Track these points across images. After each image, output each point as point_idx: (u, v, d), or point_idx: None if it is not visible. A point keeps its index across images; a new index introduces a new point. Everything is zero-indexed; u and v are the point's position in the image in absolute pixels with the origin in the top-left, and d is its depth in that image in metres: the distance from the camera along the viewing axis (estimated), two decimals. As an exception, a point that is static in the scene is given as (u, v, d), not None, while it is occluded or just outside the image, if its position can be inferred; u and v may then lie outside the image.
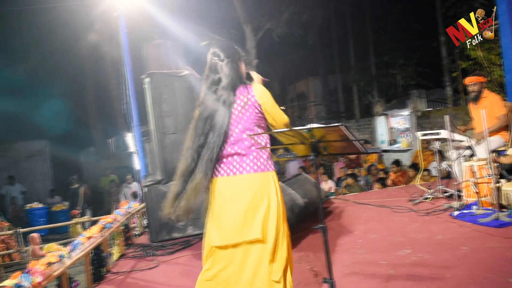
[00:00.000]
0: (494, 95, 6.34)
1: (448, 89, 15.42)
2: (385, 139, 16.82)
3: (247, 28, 15.12)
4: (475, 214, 5.15)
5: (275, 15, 15.01)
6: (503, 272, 3.45)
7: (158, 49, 6.64)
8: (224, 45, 3.05)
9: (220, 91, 2.89)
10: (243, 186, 2.82)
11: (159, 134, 6.24)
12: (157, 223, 6.15)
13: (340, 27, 22.04)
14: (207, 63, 3.01)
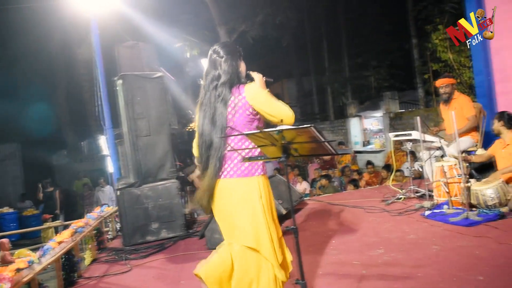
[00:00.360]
0: (464, 96, 6.47)
1: (420, 91, 15.67)
2: (359, 140, 16.99)
3: (221, 30, 15.08)
4: (446, 213, 5.23)
5: (249, 17, 15.00)
6: (472, 270, 3.51)
7: (131, 51, 6.58)
8: (225, 43, 3.08)
9: (219, 87, 2.89)
10: (227, 191, 2.83)
11: (132, 137, 6.17)
12: (131, 227, 6.09)
13: (314, 30, 22.19)
14: (208, 59, 3.02)
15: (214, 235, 5.30)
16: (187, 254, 5.30)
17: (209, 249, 5.28)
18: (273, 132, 2.21)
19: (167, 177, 6.33)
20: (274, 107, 2.78)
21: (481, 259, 3.71)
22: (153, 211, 6.15)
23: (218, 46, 3.00)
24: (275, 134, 2.22)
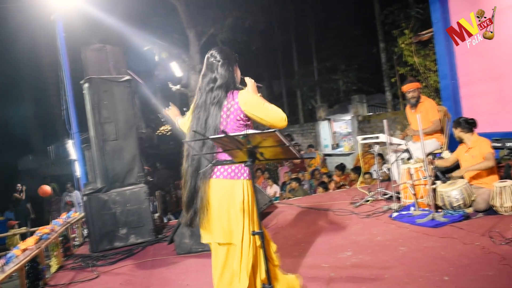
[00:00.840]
0: (430, 100, 6.60)
1: (388, 94, 15.89)
2: (329, 143, 17.14)
3: (190, 33, 15.03)
4: (413, 215, 5.31)
5: (218, 20, 14.99)
6: (438, 271, 3.57)
7: (98, 54, 6.48)
8: (222, 48, 3.07)
9: (215, 90, 2.90)
10: (215, 190, 2.84)
11: (99, 141, 6.08)
12: (98, 233, 5.99)
13: (283, 33, 22.31)
14: (204, 63, 3.03)
15: (184, 240, 5.26)
16: (156, 260, 5.25)
17: (178, 254, 5.24)
18: (239, 137, 2.21)
19: (135, 181, 6.25)
20: (265, 111, 2.79)
21: (446, 260, 3.78)
22: (121, 217, 6.07)
23: (215, 51, 3.01)
24: (240, 139, 2.21)
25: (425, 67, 11.44)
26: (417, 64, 11.49)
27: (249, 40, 17.12)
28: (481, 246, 3.94)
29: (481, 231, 4.42)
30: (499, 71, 7.29)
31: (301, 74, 21.34)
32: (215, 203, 2.83)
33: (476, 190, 5.23)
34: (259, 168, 13.26)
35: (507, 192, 4.86)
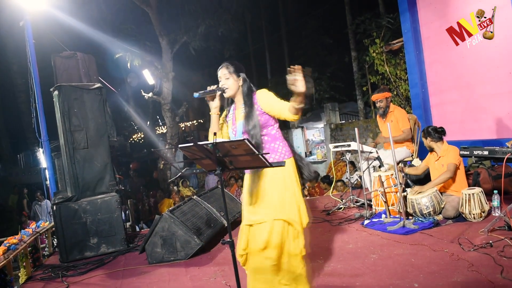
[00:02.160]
0: (400, 109, 6.70)
1: (360, 103, 16.07)
2: (302, 151, 17.22)
3: (163, 41, 14.96)
4: (384, 222, 5.37)
5: (191, 28, 14.96)
6: (408, 278, 3.60)
7: (68, 61, 6.41)
8: (233, 62, 3.46)
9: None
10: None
11: (69, 149, 5.98)
12: (68, 243, 5.88)
13: (256, 41, 22.41)
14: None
15: (155, 249, 5.21)
16: (127, 269, 5.17)
17: (150, 263, 5.19)
18: (208, 145, 2.20)
19: (106, 190, 6.17)
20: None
21: (416, 267, 3.82)
22: (92, 226, 5.97)
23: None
24: (209, 147, 2.21)
25: (396, 76, 11.63)
26: (388, 73, 11.67)
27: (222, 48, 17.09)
28: (450, 253, 4.00)
29: (450, 238, 4.49)
30: (467, 80, 7.46)
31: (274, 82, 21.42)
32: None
33: (445, 197, 5.33)
34: (232, 176, 13.24)
35: (475, 199, 4.95)
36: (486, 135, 7.16)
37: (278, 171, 3.15)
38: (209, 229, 5.52)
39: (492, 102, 7.04)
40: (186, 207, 5.71)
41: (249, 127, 3.21)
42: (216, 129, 3.42)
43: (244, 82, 3.40)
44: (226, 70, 3.36)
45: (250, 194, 3.22)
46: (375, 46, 12.12)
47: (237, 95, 3.41)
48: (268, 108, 3.24)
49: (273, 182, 3.17)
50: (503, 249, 3.85)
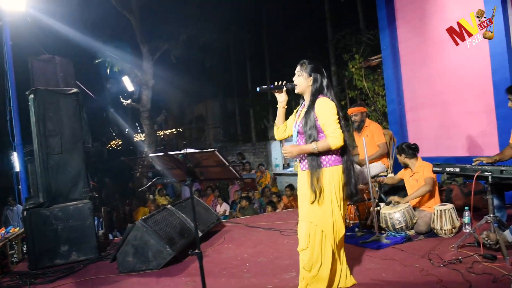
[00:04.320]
0: (375, 124, 6.76)
1: (338, 116, 16.16)
2: (280, 163, 17.26)
3: (144, 48, 14.92)
4: (357, 236, 5.40)
5: (173, 37, 14.95)
6: (378, 292, 3.63)
7: (46, 65, 6.33)
8: (312, 61, 3.68)
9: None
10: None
11: (42, 154, 5.89)
12: (38, 249, 5.76)
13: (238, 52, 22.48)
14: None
15: (127, 258, 5.14)
16: (97, 278, 5.09)
17: (121, 273, 5.11)
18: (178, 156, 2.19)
19: (79, 197, 6.07)
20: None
21: (387, 282, 3.84)
22: (63, 233, 5.86)
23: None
24: (179, 157, 2.20)
25: (374, 91, 11.76)
26: (366, 88, 11.80)
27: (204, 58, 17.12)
28: (420, 268, 4.04)
29: (421, 253, 4.53)
30: (442, 98, 7.59)
31: (255, 93, 21.52)
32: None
33: (418, 212, 5.38)
34: (209, 186, 13.20)
35: (447, 215, 5.02)
36: (459, 152, 7.28)
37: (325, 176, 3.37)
38: (182, 239, 5.47)
39: (466, 120, 7.16)
40: (160, 216, 5.66)
41: (306, 127, 3.37)
42: (280, 123, 3.71)
43: (315, 82, 3.52)
44: (299, 67, 3.60)
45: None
46: (354, 62, 12.26)
47: (306, 93, 3.57)
48: (318, 118, 3.37)
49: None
50: (472, 265, 3.90)
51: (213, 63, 19.85)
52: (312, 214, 3.36)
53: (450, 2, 7.24)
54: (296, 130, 3.51)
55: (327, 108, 3.35)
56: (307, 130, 3.35)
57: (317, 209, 3.34)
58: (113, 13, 14.47)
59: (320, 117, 3.34)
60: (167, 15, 15.01)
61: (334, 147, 3.28)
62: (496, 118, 6.43)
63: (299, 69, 3.59)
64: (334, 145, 3.27)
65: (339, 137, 3.28)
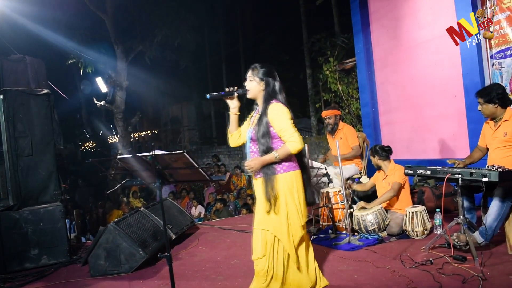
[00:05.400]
0: (349, 126, 6.82)
1: (313, 119, 16.28)
2: (255, 165, 17.22)
3: (117, 49, 14.77)
4: (330, 238, 5.43)
5: (147, 37, 14.84)
6: (351, 294, 3.65)
7: (16, 65, 6.23)
8: (264, 65, 3.64)
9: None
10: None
11: (12, 156, 5.77)
12: (7, 253, 5.64)
13: (214, 54, 22.44)
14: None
15: (98, 261, 5.07)
16: (68, 282, 5.01)
17: (93, 276, 5.04)
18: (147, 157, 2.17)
19: (50, 199, 5.97)
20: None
21: (358, 283, 3.87)
22: (33, 236, 5.75)
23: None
24: (148, 159, 2.18)
25: (348, 94, 11.86)
26: (341, 91, 11.89)
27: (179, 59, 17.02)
28: (391, 269, 4.08)
29: (393, 254, 4.58)
30: (415, 102, 7.70)
31: (230, 95, 21.48)
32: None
33: (390, 214, 5.44)
34: (184, 189, 13.12)
35: (418, 217, 5.08)
36: (431, 155, 7.39)
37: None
38: (155, 242, 5.42)
39: (437, 124, 7.28)
40: (133, 219, 5.60)
41: (258, 134, 3.32)
42: (234, 129, 3.65)
43: (267, 87, 3.45)
44: (251, 72, 3.52)
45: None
46: (329, 65, 12.34)
47: (259, 98, 3.51)
48: (272, 124, 3.31)
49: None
50: (442, 266, 3.96)
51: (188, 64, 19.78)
52: (267, 222, 3.36)
53: (423, 6, 7.35)
54: (249, 137, 3.47)
55: (280, 114, 3.30)
56: (260, 137, 3.30)
57: (273, 217, 3.33)
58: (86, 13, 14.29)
59: (275, 123, 3.29)
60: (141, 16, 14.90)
61: (295, 151, 3.24)
62: (467, 121, 6.55)
63: (251, 74, 3.51)
64: (295, 149, 3.23)
65: (298, 140, 3.23)
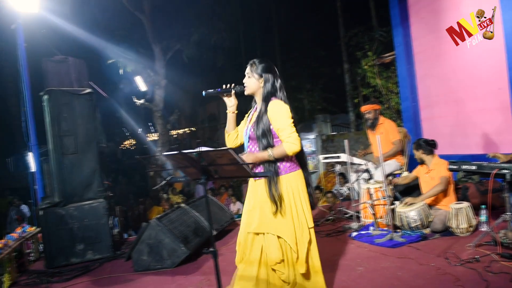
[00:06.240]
0: (390, 121, 6.72)
1: (351, 114, 16.14)
2: (292, 161, 17.17)
3: (156, 48, 14.95)
4: (372, 235, 5.37)
5: (184, 36, 14.97)
6: (394, 291, 3.60)
7: (59, 65, 6.38)
8: (263, 60, 3.38)
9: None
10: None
11: (57, 154, 5.95)
12: (54, 248, 5.83)
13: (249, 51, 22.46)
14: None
15: (141, 256, 5.16)
16: (112, 277, 5.13)
17: (136, 271, 5.14)
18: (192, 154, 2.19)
19: (94, 196, 6.12)
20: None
21: (402, 281, 3.81)
22: (78, 232, 5.92)
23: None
24: (194, 156, 2.19)
25: (388, 89, 11.69)
26: (380, 85, 11.72)
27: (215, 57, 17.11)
28: (436, 267, 4.00)
29: (437, 252, 4.49)
30: (457, 95, 7.51)
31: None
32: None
33: (433, 211, 5.33)
34: (223, 185, 13.21)
35: (463, 214, 4.97)
36: (474, 149, 7.20)
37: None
38: (196, 238, 5.48)
39: (481, 117, 7.09)
40: (174, 215, 5.68)
41: (258, 132, 3.11)
42: (231, 129, 3.42)
43: (266, 83, 3.24)
44: (249, 68, 3.30)
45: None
46: (367, 59, 12.20)
47: (257, 96, 3.32)
48: (272, 122, 3.11)
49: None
50: (490, 265, 3.86)
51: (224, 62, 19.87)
52: (275, 225, 3.11)
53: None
54: (247, 136, 3.25)
55: (281, 112, 3.09)
56: (260, 135, 3.10)
57: (280, 219, 3.11)
58: (125, 13, 14.52)
59: (274, 121, 3.08)
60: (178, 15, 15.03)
61: (291, 153, 3.02)
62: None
63: (249, 70, 3.30)
64: (291, 151, 3.00)
65: (296, 142, 3.01)
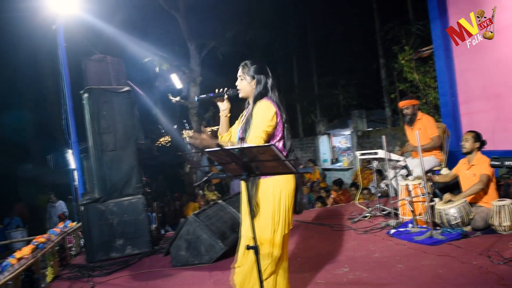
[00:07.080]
0: (428, 117, 6.59)
1: (387, 110, 15.92)
2: (328, 158, 17.12)
3: (191, 45, 15.07)
4: (411, 232, 5.29)
5: (219, 33, 15.05)
6: (435, 289, 3.54)
7: (98, 64, 6.50)
8: (254, 61, 3.23)
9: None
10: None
11: (97, 151, 6.08)
12: (95, 243, 5.96)
13: (284, 47, 22.41)
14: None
15: (180, 252, 5.23)
16: (151, 272, 5.21)
17: (174, 266, 5.21)
18: (234, 150, 2.20)
19: (133, 192, 6.23)
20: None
21: (444, 279, 3.74)
22: (118, 227, 6.04)
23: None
24: (236, 152, 2.21)
25: (425, 83, 11.47)
26: (417, 80, 11.52)
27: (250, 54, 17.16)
28: (479, 266, 3.91)
29: (479, 250, 4.39)
30: (497, 90, 7.30)
31: (301, 88, 21.39)
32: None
33: (474, 208, 5.21)
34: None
35: (505, 211, 4.84)
36: (517, 145, 7.00)
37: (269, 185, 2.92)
38: (233, 234, 5.51)
39: (523, 112, 6.88)
40: (211, 211, 5.73)
41: (245, 133, 3.00)
42: (224, 131, 3.32)
43: (258, 85, 3.12)
44: (241, 70, 3.17)
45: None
46: (404, 53, 12.00)
47: (250, 97, 3.20)
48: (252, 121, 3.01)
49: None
50: (535, 263, 3.75)
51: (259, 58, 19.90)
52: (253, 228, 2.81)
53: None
54: (238, 137, 3.16)
55: (261, 112, 2.97)
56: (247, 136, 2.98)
57: (257, 222, 2.90)
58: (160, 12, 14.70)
59: (253, 120, 2.98)
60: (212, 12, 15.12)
61: None
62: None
63: (241, 72, 3.16)
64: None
65: (254, 143, 2.78)
